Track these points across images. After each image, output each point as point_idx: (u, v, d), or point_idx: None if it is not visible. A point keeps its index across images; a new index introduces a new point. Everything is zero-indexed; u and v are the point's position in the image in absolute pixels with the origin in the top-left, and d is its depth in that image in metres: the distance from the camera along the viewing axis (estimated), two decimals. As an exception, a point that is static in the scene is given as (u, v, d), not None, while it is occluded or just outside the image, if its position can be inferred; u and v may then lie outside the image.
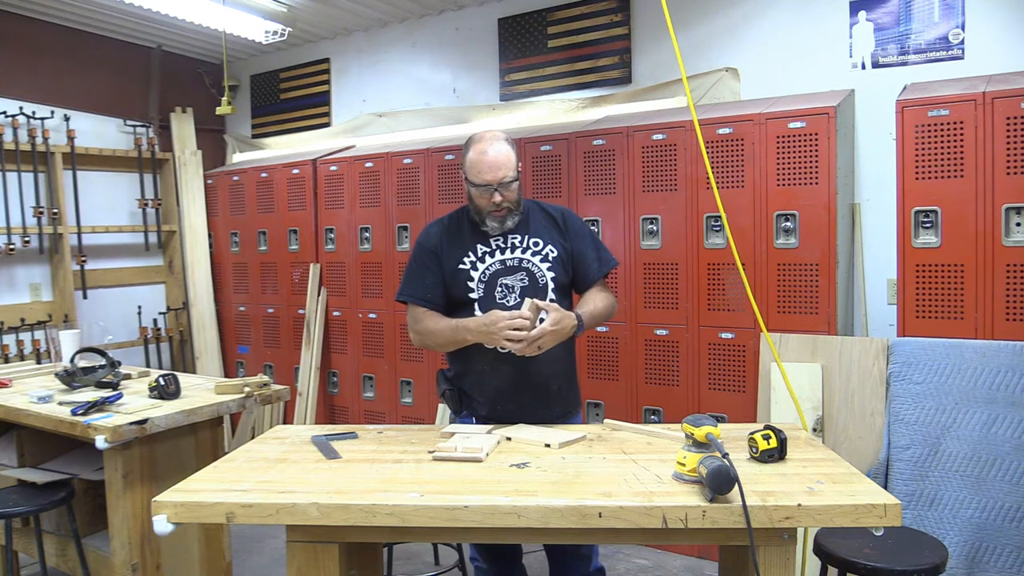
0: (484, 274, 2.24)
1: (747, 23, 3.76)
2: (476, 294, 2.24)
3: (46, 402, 2.69)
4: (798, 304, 3.18)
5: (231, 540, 2.91)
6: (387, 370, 4.50)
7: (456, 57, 4.75)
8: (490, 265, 2.25)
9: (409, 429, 2.22)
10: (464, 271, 2.25)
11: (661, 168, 3.48)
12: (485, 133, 2.25)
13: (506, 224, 2.24)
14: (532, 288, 2.23)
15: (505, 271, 2.25)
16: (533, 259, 2.26)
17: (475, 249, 2.26)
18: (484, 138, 2.22)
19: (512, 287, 2.24)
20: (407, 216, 4.35)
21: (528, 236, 2.28)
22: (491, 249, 2.26)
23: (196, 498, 1.67)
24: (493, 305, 2.22)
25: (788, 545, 1.58)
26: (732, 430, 2.06)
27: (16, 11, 4.52)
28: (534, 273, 2.25)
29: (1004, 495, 2.63)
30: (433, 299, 2.28)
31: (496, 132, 2.26)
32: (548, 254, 2.27)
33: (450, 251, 2.28)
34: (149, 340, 5.22)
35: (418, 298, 2.29)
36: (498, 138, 2.22)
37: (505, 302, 2.23)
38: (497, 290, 2.23)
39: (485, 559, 2.34)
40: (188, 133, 5.45)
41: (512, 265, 2.25)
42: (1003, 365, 2.66)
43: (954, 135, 2.79)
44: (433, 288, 2.28)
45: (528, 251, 2.26)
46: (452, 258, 2.27)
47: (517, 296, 2.23)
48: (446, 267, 2.27)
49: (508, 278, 2.24)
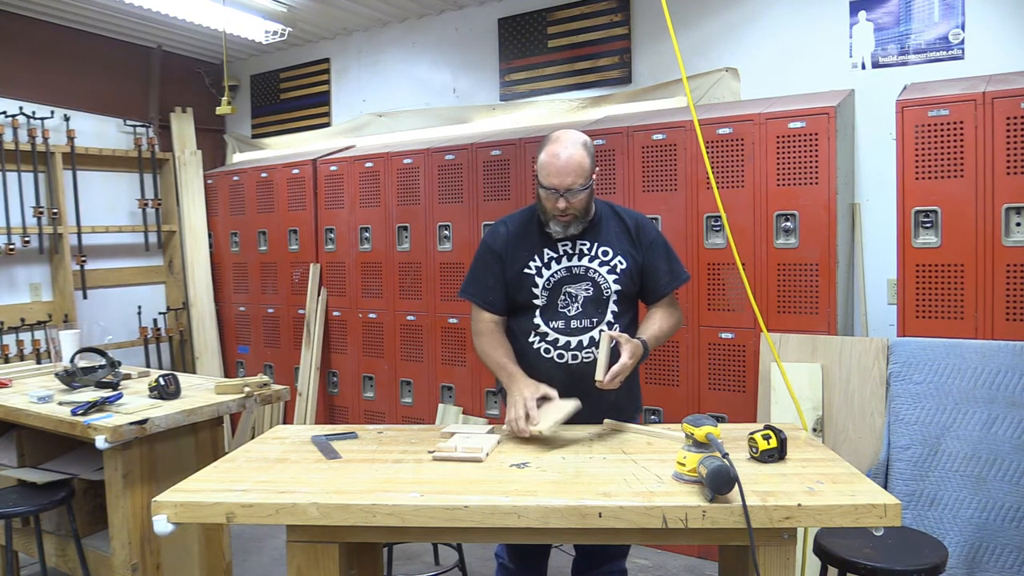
0: (549, 281, 2.18)
1: (747, 23, 3.76)
2: (539, 300, 2.19)
3: (46, 402, 2.69)
4: (798, 304, 3.18)
5: (231, 540, 2.91)
6: (387, 370, 4.50)
7: (456, 57, 4.75)
8: (556, 272, 2.19)
9: (409, 429, 2.22)
10: (529, 276, 2.19)
11: (661, 168, 3.48)
12: (563, 134, 2.13)
13: (569, 230, 2.17)
14: (596, 299, 2.18)
15: (571, 279, 2.19)
16: (600, 269, 2.18)
17: (542, 253, 2.20)
18: (560, 139, 2.11)
19: (576, 296, 2.18)
20: (407, 216, 4.35)
21: (597, 244, 2.21)
22: (558, 255, 2.20)
23: (196, 498, 1.66)
24: (555, 313, 2.18)
25: (788, 545, 1.58)
26: (732, 430, 2.06)
27: (16, 11, 4.52)
28: (599, 284, 2.18)
29: (1004, 495, 2.63)
30: (494, 302, 2.25)
31: (575, 135, 2.13)
32: (616, 265, 2.19)
33: (516, 253, 2.22)
34: (149, 340, 5.22)
35: (480, 299, 2.26)
36: (575, 142, 2.10)
37: (567, 311, 2.18)
38: (560, 298, 2.18)
39: (511, 558, 2.31)
40: (188, 133, 5.45)
41: (578, 273, 2.19)
42: (1003, 365, 2.66)
43: (954, 135, 2.79)
44: (494, 290, 2.24)
45: (596, 260, 2.19)
46: (518, 260, 2.21)
47: (579, 306, 2.17)
48: (510, 270, 2.21)
49: (573, 286, 2.18)
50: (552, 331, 2.18)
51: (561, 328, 2.18)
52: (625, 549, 2.39)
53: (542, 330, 2.19)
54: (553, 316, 2.18)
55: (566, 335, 2.17)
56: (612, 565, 2.32)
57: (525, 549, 2.29)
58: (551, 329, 2.18)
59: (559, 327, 2.18)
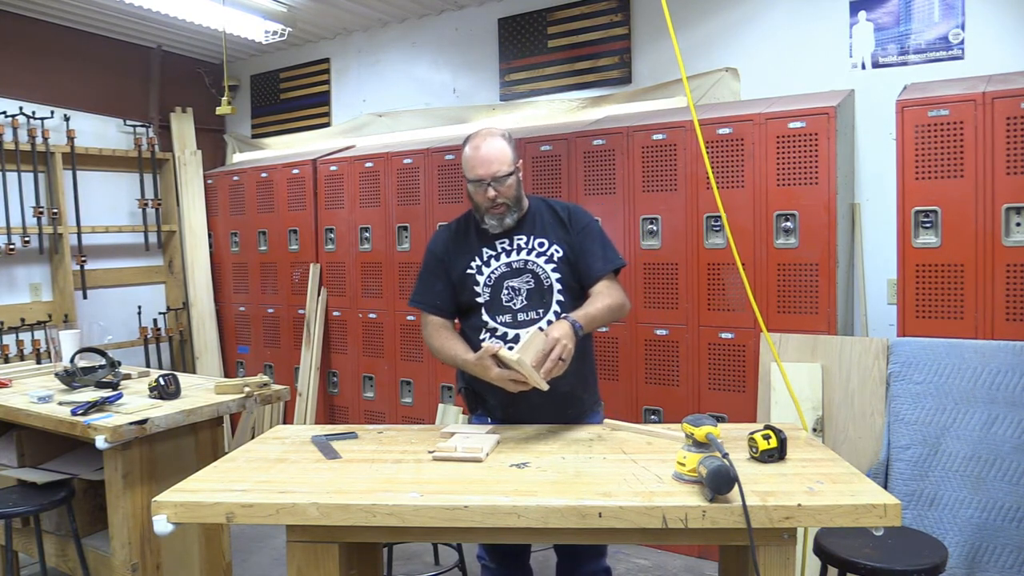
0: (490, 278, 2.23)
1: (747, 23, 3.76)
2: (482, 298, 2.23)
3: (46, 402, 2.69)
4: (798, 304, 3.18)
5: (231, 540, 2.91)
6: (387, 370, 4.50)
7: (456, 57, 4.75)
8: (496, 268, 2.23)
9: (409, 429, 2.22)
10: (471, 275, 2.24)
11: (661, 168, 3.47)
12: (481, 130, 2.23)
13: (505, 221, 2.21)
14: (538, 290, 2.21)
15: (511, 273, 2.23)
16: (538, 260, 2.23)
17: (481, 252, 2.25)
18: (479, 134, 2.20)
19: (518, 289, 2.22)
20: (407, 216, 4.35)
21: (533, 237, 2.26)
22: (496, 252, 2.25)
23: (196, 498, 1.66)
24: (500, 308, 2.21)
25: (788, 545, 1.58)
26: (732, 430, 2.06)
27: (16, 11, 4.52)
28: (539, 275, 2.22)
29: (1004, 495, 2.63)
30: (443, 306, 2.28)
31: (493, 128, 2.23)
32: (553, 255, 2.24)
33: (457, 256, 2.27)
34: (149, 340, 5.22)
35: (428, 305, 2.30)
36: (493, 134, 2.19)
37: (512, 304, 2.21)
38: (503, 292, 2.22)
39: (492, 559, 2.32)
40: (188, 133, 5.45)
41: (518, 267, 2.23)
42: (1003, 365, 2.66)
43: (954, 135, 2.79)
44: (442, 294, 2.28)
45: (533, 252, 2.24)
46: (459, 263, 2.26)
47: (524, 299, 2.21)
48: (454, 272, 2.26)
49: (514, 280, 2.22)
50: (500, 325, 2.22)
51: (508, 322, 2.22)
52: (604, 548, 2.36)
53: (491, 326, 2.23)
54: (499, 311, 2.22)
55: (515, 328, 2.21)
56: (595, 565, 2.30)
57: (506, 548, 2.30)
58: (499, 324, 2.22)
59: (507, 321, 2.22)
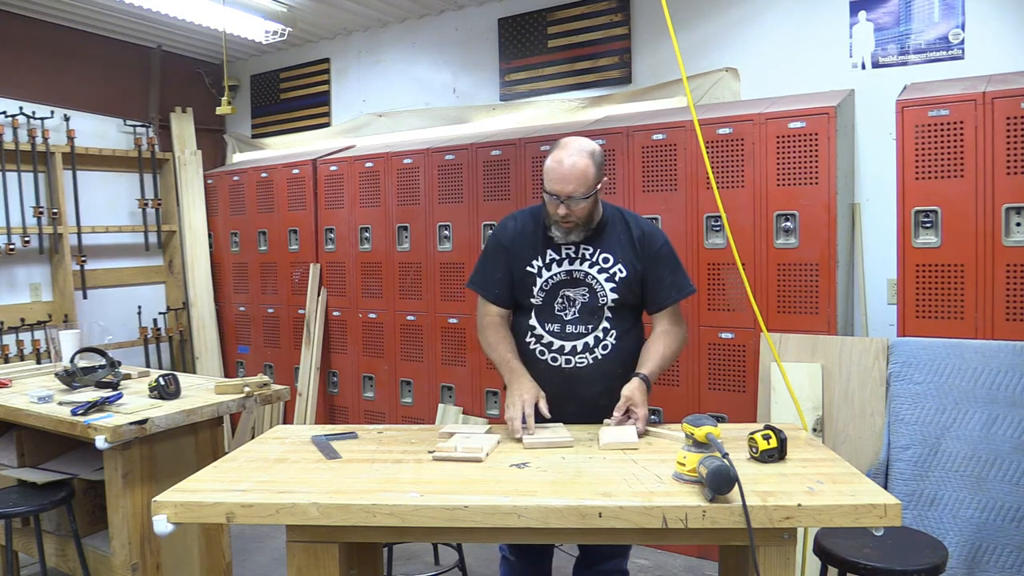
0: (547, 282, 2.19)
1: (747, 23, 3.76)
2: (536, 300, 2.20)
3: (46, 402, 2.69)
4: (798, 304, 3.18)
5: (231, 540, 2.91)
6: (387, 370, 4.50)
7: (456, 57, 4.75)
8: (555, 274, 2.19)
9: (409, 429, 2.22)
10: (531, 274, 2.21)
11: (661, 168, 3.47)
12: (571, 140, 2.13)
13: (570, 236, 2.16)
14: (591, 305, 2.18)
15: (569, 283, 2.19)
16: (599, 276, 2.18)
17: (544, 254, 2.21)
18: (567, 146, 2.11)
19: (573, 300, 2.19)
20: (407, 216, 4.35)
21: (600, 251, 2.20)
22: (560, 257, 2.20)
23: (196, 498, 1.67)
24: (550, 316, 2.19)
25: (788, 545, 1.58)
26: (732, 430, 2.06)
27: (16, 11, 4.52)
28: (596, 291, 2.19)
29: (1004, 495, 2.63)
30: (501, 295, 2.27)
31: (585, 143, 2.12)
32: (615, 273, 2.19)
33: (521, 250, 2.23)
34: (149, 340, 5.22)
35: (488, 291, 2.28)
36: (582, 151, 2.09)
37: (563, 314, 2.19)
38: (557, 300, 2.19)
39: (513, 551, 2.33)
40: (188, 133, 5.45)
41: (577, 277, 2.19)
42: (1003, 365, 2.66)
43: (954, 135, 2.79)
44: (501, 283, 2.26)
45: (595, 267, 2.19)
46: (522, 258, 2.22)
47: (576, 311, 2.18)
48: (515, 265, 2.23)
49: (570, 290, 2.19)
50: (547, 334, 2.20)
51: (556, 332, 2.19)
52: (626, 549, 2.39)
53: (538, 332, 2.21)
54: (549, 319, 2.19)
55: (561, 339, 2.19)
56: (612, 564, 2.32)
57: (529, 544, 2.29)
58: (546, 332, 2.20)
59: (554, 330, 2.19)
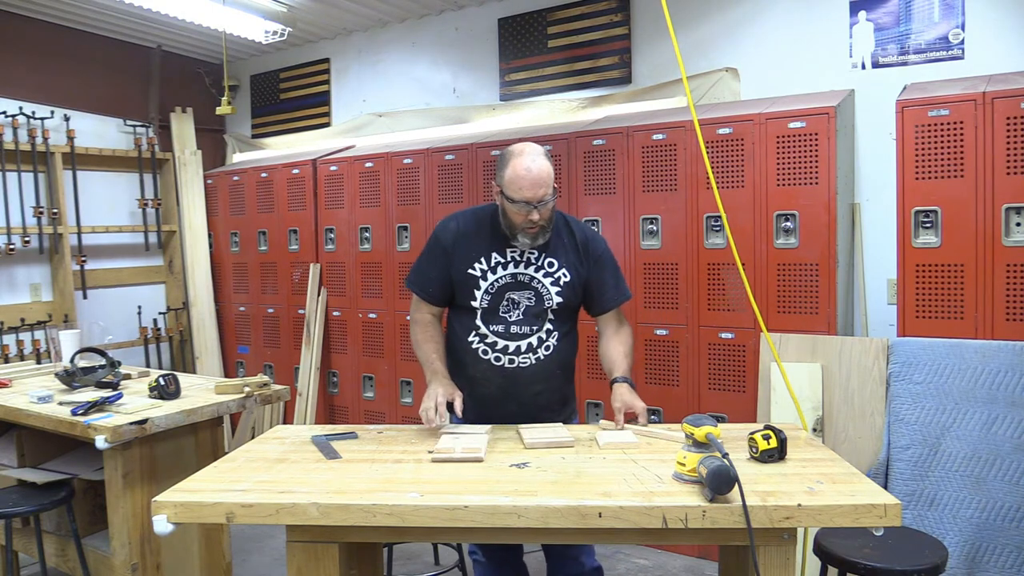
0: (492, 285, 2.20)
1: (747, 23, 3.76)
2: (478, 304, 2.21)
3: (46, 402, 2.69)
4: (798, 304, 3.18)
5: (231, 540, 2.91)
6: (387, 370, 4.50)
7: (456, 57, 4.75)
8: (501, 277, 2.21)
9: (409, 429, 2.22)
10: (473, 277, 2.21)
11: (661, 168, 3.47)
12: (525, 147, 2.14)
13: (537, 240, 2.17)
14: (536, 308, 2.20)
15: (515, 285, 2.20)
16: (544, 280, 2.21)
17: (489, 257, 2.22)
18: (525, 152, 2.11)
19: (518, 303, 2.20)
20: (407, 216, 4.35)
21: (545, 255, 2.22)
22: (505, 260, 2.21)
23: (196, 498, 1.66)
24: (495, 318, 2.20)
25: (788, 545, 1.58)
26: (732, 430, 2.06)
27: (16, 11, 4.52)
28: (542, 294, 2.21)
29: (1004, 495, 2.63)
30: (434, 294, 2.29)
31: (536, 147, 2.14)
32: (560, 277, 2.21)
33: (464, 252, 2.23)
34: (149, 340, 5.22)
35: (420, 290, 2.31)
36: (539, 153, 2.12)
37: (508, 316, 2.20)
38: (503, 303, 2.20)
39: (484, 554, 2.34)
40: (188, 133, 5.45)
41: (523, 281, 2.21)
42: (1003, 365, 2.66)
43: (954, 135, 2.79)
44: (436, 283, 2.27)
45: (541, 270, 2.21)
46: (464, 260, 2.22)
47: (520, 313, 2.20)
48: (456, 268, 2.23)
49: (516, 293, 2.20)
50: (492, 334, 2.22)
51: (501, 332, 2.21)
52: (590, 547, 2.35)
53: (482, 332, 2.22)
54: (494, 320, 2.21)
55: (505, 339, 2.21)
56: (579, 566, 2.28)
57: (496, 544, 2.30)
58: (491, 332, 2.22)
59: (499, 331, 2.21)
